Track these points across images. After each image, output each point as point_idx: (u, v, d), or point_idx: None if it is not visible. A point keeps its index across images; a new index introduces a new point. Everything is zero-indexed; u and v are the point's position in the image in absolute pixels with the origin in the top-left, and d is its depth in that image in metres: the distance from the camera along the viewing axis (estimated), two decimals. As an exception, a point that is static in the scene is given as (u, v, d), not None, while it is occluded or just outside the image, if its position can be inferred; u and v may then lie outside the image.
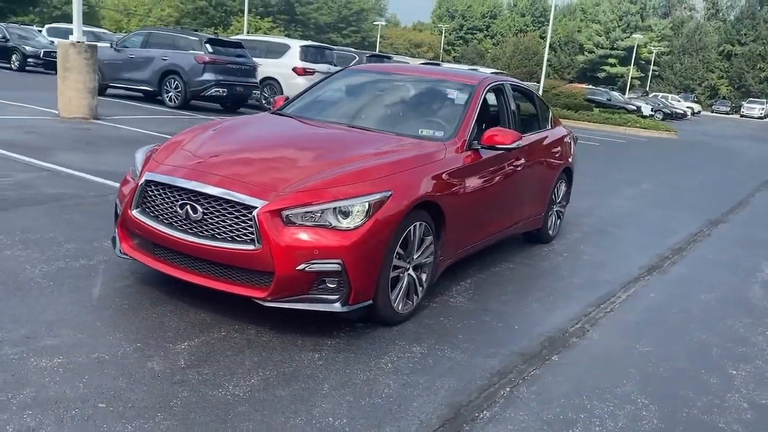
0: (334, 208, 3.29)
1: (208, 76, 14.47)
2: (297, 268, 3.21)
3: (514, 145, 4.41)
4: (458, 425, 2.76)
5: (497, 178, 4.68)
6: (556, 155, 5.82)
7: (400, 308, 3.71)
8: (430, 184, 3.78)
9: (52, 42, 23.39)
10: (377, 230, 3.35)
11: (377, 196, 3.39)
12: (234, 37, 18.47)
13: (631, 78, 65.97)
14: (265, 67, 16.82)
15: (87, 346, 3.04)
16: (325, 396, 2.85)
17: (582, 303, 4.53)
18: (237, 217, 3.28)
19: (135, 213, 3.61)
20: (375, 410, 2.79)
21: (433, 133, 4.38)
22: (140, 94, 15.68)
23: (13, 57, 22.92)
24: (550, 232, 6.11)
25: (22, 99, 12.94)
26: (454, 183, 4.06)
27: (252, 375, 2.96)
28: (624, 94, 53.29)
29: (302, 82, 16.34)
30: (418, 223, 3.69)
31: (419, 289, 3.90)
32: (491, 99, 5.18)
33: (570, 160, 6.25)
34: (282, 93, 16.60)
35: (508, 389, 3.14)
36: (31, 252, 4.18)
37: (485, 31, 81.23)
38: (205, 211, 3.35)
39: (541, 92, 31.55)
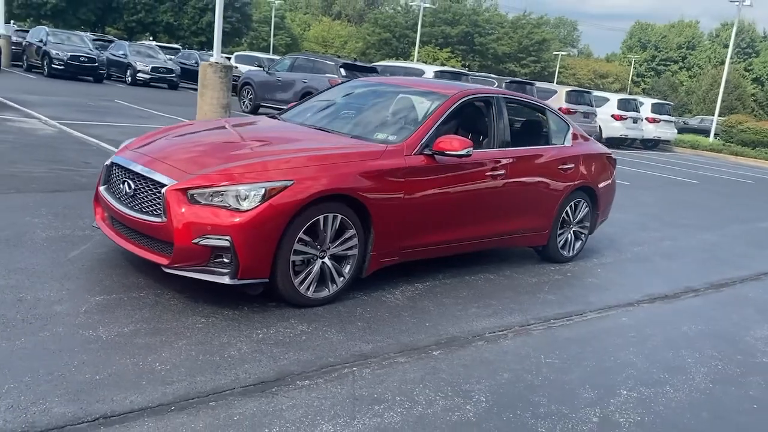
0: (234, 191, 3.70)
1: (339, 97, 15.50)
2: (193, 241, 3.65)
3: (463, 152, 4.49)
4: (267, 387, 3.02)
5: (462, 185, 4.77)
6: (566, 172, 5.67)
7: (309, 293, 4.00)
8: (349, 179, 4.03)
9: (236, 67, 26.43)
10: (271, 214, 3.69)
11: (276, 184, 3.74)
12: (377, 64, 19.52)
13: None
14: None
15: (22, 288, 3.73)
16: (172, 349, 3.25)
17: (529, 316, 4.46)
18: (153, 194, 3.82)
19: (101, 189, 4.31)
20: (204, 364, 3.13)
21: (387, 137, 4.62)
22: (287, 113, 17.20)
23: (200, 79, 26.13)
24: (565, 252, 5.94)
25: (179, 113, 14.85)
26: (389, 182, 4.26)
27: (129, 325, 3.44)
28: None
29: (433, 105, 16.81)
30: (331, 215, 3.97)
31: (339, 278, 4.15)
32: (480, 110, 5.27)
33: (596, 180, 6.03)
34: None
35: (354, 369, 3.31)
36: (53, 221, 5.06)
37: (681, 63, 76.09)
38: (136, 187, 3.95)
39: (714, 127, 29.07)
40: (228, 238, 3.63)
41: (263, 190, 3.70)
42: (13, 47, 25.97)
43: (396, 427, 2.80)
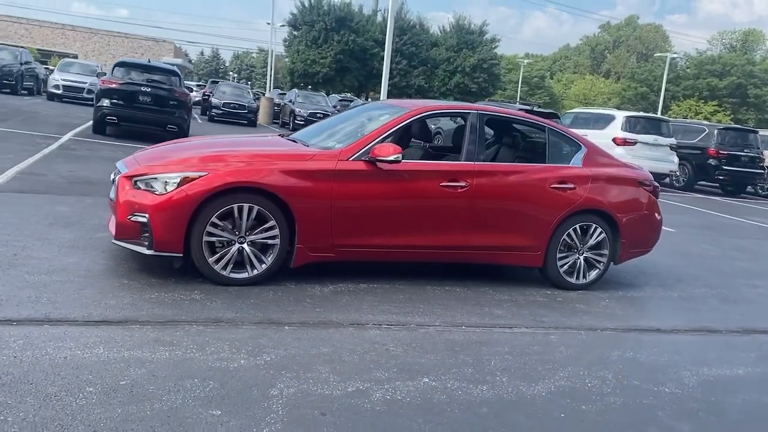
0: (162, 178, 4.52)
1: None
2: (127, 217, 4.55)
3: (391, 158, 4.76)
4: (103, 323, 3.69)
5: (408, 193, 4.98)
6: (564, 192, 5.43)
7: (226, 272, 4.60)
8: (263, 175, 4.57)
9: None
10: (182, 199, 4.43)
11: (192, 174, 4.49)
12: (570, 111, 19.15)
13: None
14: (589, 139, 17.05)
15: (29, 248, 4.92)
16: (74, 293, 4.09)
17: (443, 320, 4.48)
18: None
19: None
20: (79, 304, 3.91)
21: (334, 145, 5.07)
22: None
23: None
24: (571, 278, 5.61)
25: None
26: (316, 182, 4.71)
27: (66, 276, 4.39)
28: None
29: (621, 152, 16.13)
30: (246, 205, 4.56)
31: (261, 265, 4.69)
32: (452, 126, 5.40)
33: (615, 205, 5.63)
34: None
35: (193, 326, 3.81)
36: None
37: None
38: (114, 177, 5.00)
39: None
40: (146, 215, 4.45)
41: (179, 179, 4.47)
42: (275, 108, 30.90)
43: (155, 362, 3.28)
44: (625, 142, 16.23)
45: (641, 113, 18.98)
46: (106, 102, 13.15)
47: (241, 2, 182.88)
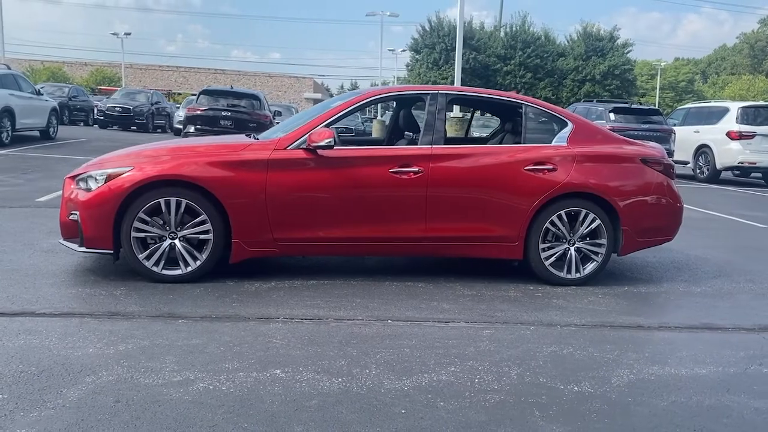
0: (94, 176, 4.55)
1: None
2: (68, 217, 4.62)
3: (322, 143, 4.47)
4: (7, 316, 3.76)
5: (354, 181, 4.65)
6: (543, 174, 4.80)
7: (158, 269, 4.51)
8: (188, 168, 4.44)
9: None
10: (107, 195, 4.41)
11: (117, 170, 4.48)
12: (685, 106, 17.45)
13: None
14: (702, 134, 15.49)
15: (2, 251, 5.19)
16: (4, 287, 4.21)
17: (370, 314, 4.08)
18: (71, 183, 4.93)
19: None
20: (2, 296, 4.03)
21: (279, 135, 4.85)
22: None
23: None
24: (559, 272, 4.94)
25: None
26: (248, 173, 4.52)
27: (2, 276, 4.55)
28: None
29: (736, 147, 14.52)
30: (174, 199, 4.46)
31: (195, 261, 4.55)
32: (409, 110, 5.00)
33: (611, 188, 4.90)
34: (714, 161, 15.04)
35: (84, 318, 3.75)
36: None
37: None
38: (70, 181, 5.13)
39: None
40: (77, 212, 4.49)
41: (106, 175, 4.47)
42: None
43: (0, 348, 3.23)
44: (741, 136, 14.50)
45: (760, 102, 16.90)
46: (191, 128, 13.91)
47: (377, 36, 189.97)
